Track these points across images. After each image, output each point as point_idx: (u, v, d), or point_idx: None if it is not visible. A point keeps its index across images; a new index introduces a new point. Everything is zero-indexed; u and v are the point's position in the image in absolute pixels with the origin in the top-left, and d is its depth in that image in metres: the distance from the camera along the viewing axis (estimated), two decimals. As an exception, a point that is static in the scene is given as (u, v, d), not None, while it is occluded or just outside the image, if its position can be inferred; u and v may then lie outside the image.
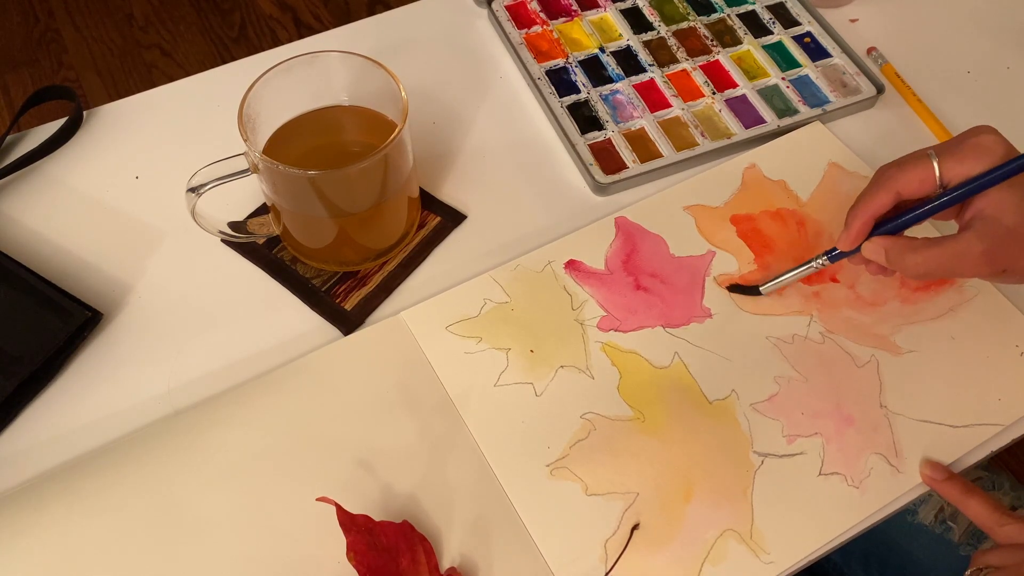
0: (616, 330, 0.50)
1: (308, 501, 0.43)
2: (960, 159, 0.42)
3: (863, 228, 0.45)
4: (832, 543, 0.44)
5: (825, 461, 0.46)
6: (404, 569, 0.41)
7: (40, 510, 0.43)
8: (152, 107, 0.61)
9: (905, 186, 0.44)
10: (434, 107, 0.61)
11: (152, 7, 1.66)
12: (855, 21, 0.68)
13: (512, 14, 0.66)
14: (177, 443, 0.45)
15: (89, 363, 0.49)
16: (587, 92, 0.61)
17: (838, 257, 0.48)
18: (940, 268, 0.43)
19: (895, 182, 0.44)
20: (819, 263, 0.49)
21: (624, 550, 0.43)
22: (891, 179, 0.44)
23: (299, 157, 0.50)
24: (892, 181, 0.44)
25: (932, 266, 0.43)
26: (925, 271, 0.43)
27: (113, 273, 0.52)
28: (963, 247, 0.42)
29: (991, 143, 0.42)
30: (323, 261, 0.53)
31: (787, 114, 0.61)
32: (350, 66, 0.50)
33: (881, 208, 0.44)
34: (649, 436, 0.47)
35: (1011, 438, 0.48)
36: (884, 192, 0.44)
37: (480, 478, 0.45)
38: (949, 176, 0.43)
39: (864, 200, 0.45)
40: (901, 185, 0.44)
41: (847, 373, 0.49)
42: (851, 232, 0.45)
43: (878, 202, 0.44)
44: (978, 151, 0.42)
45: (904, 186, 0.44)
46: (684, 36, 0.65)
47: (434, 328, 0.50)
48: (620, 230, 0.55)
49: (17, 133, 0.59)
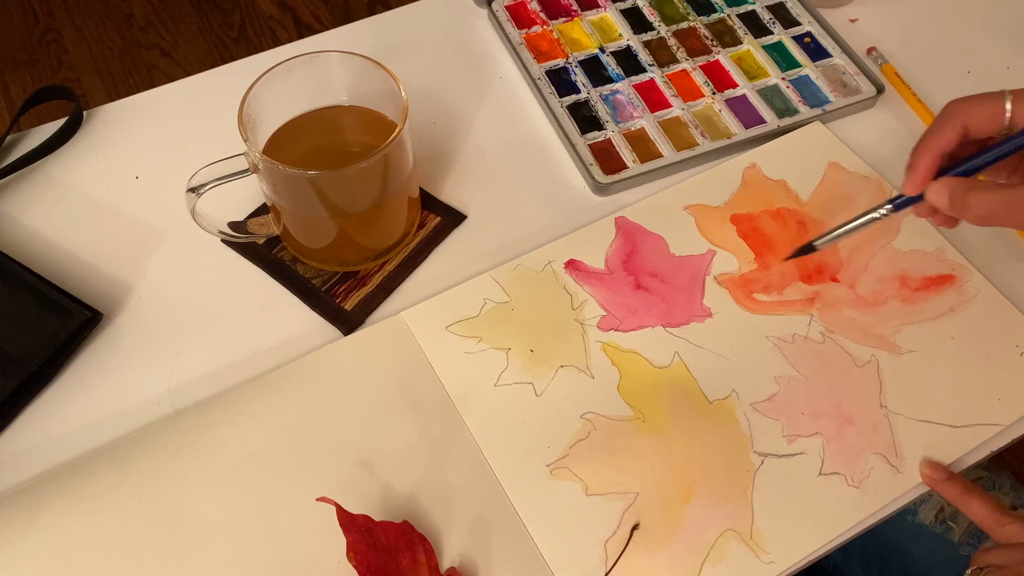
0: (616, 330, 0.50)
1: (308, 501, 0.43)
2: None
3: (930, 168, 0.42)
4: (832, 543, 0.44)
5: (825, 461, 0.46)
6: (404, 569, 0.41)
7: (40, 510, 0.43)
8: (152, 107, 0.61)
9: (973, 120, 0.41)
10: (434, 107, 0.61)
11: (152, 7, 1.66)
12: (855, 21, 0.68)
13: (512, 14, 0.66)
14: (177, 443, 0.45)
15: (89, 363, 0.49)
16: (587, 92, 0.61)
17: (902, 205, 0.44)
18: (1006, 212, 0.40)
19: (962, 115, 0.41)
20: (882, 212, 0.45)
21: (624, 550, 0.43)
22: (958, 112, 0.41)
23: (299, 157, 0.50)
24: (959, 115, 0.41)
25: (997, 209, 0.40)
26: (989, 213, 0.40)
27: (113, 273, 0.52)
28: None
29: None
30: (323, 261, 0.53)
31: (787, 114, 0.61)
32: (350, 66, 0.49)
33: (948, 143, 0.41)
34: (649, 436, 0.47)
35: (1011, 438, 0.48)
36: (950, 126, 0.41)
37: (480, 478, 0.45)
38: (1020, 117, 0.40)
39: (929, 137, 0.42)
40: (969, 119, 0.41)
41: (847, 373, 0.49)
42: (917, 173, 0.42)
43: (945, 137, 0.41)
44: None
45: (972, 120, 0.41)
46: (684, 36, 0.65)
47: (434, 328, 0.50)
48: (620, 230, 0.55)
49: (17, 133, 0.59)
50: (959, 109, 0.41)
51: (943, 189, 0.41)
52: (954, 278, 0.53)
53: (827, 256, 0.54)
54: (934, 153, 0.42)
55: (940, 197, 0.41)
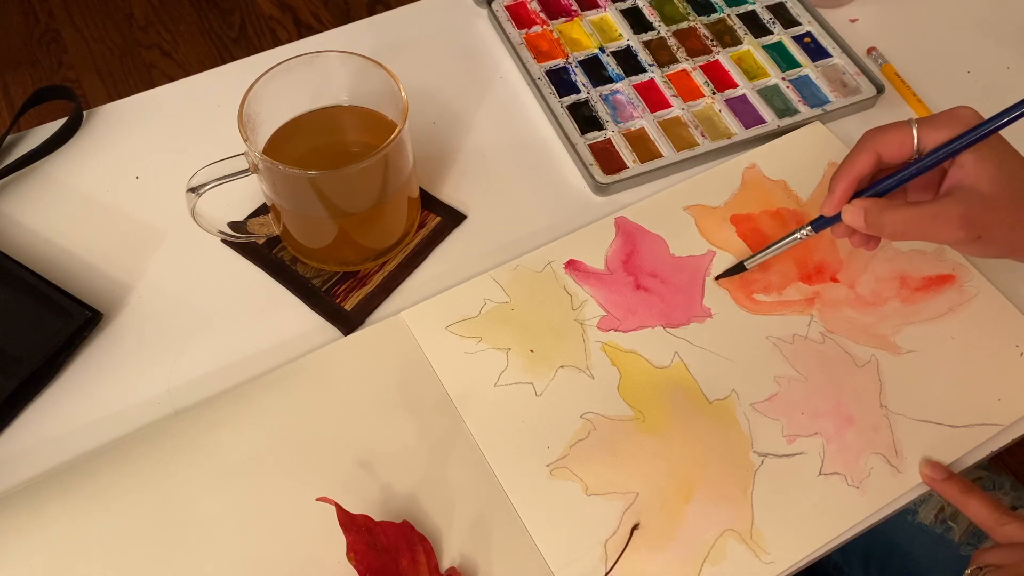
0: (616, 330, 0.50)
1: (308, 501, 0.43)
2: (936, 127, 0.44)
3: (846, 190, 0.46)
4: (832, 543, 0.44)
5: (825, 461, 0.46)
6: (404, 569, 0.41)
7: (40, 510, 0.43)
8: (152, 107, 0.61)
9: (885, 147, 0.45)
10: (434, 107, 0.61)
11: (152, 7, 1.66)
12: (855, 21, 0.68)
13: (512, 14, 0.66)
14: (177, 443, 0.45)
15: (89, 363, 0.49)
16: (587, 92, 0.61)
17: (822, 225, 0.48)
18: (917, 229, 0.44)
19: (875, 143, 0.45)
20: (803, 233, 0.49)
21: (624, 550, 0.43)
22: (871, 140, 0.45)
23: (299, 157, 0.50)
24: (872, 143, 0.45)
25: (909, 225, 0.43)
26: (903, 230, 0.44)
27: (113, 273, 0.52)
28: (941, 209, 0.43)
29: (967, 115, 0.44)
30: (323, 261, 0.53)
31: (787, 114, 0.61)
32: (350, 66, 0.49)
33: (862, 169, 0.45)
34: (649, 436, 0.47)
35: (1011, 438, 0.48)
36: (865, 153, 0.45)
37: (480, 478, 0.45)
38: (926, 142, 0.44)
39: (845, 163, 0.46)
40: (881, 146, 0.45)
41: (847, 373, 0.49)
42: (834, 195, 0.46)
43: (859, 163, 0.45)
44: (954, 120, 0.43)
45: (884, 147, 0.45)
46: (684, 36, 0.65)
47: (434, 328, 0.50)
48: (620, 230, 0.55)
49: (17, 133, 0.59)
50: (872, 137, 0.45)
51: (858, 210, 0.45)
52: (954, 278, 0.53)
53: (827, 256, 0.54)
54: (850, 177, 0.45)
55: (855, 217, 0.45)
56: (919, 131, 0.44)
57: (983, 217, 0.43)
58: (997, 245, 0.44)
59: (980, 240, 0.43)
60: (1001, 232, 0.43)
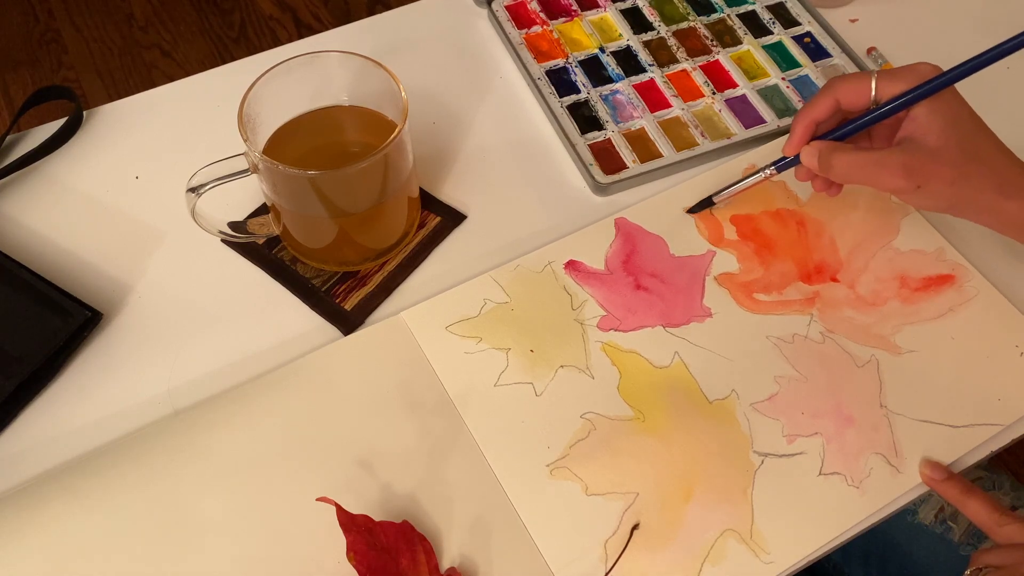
0: (616, 330, 0.50)
1: (308, 501, 0.43)
2: (895, 79, 0.45)
3: (804, 132, 0.48)
4: (832, 543, 0.44)
5: (825, 461, 0.46)
6: (404, 569, 0.41)
7: (40, 510, 0.43)
8: (152, 107, 0.61)
9: (844, 94, 0.46)
10: (434, 107, 0.61)
11: (152, 7, 1.66)
12: (855, 21, 0.68)
13: (512, 14, 0.66)
14: (177, 443, 0.45)
15: (89, 363, 0.49)
16: (587, 92, 0.61)
17: (785, 166, 0.50)
18: (861, 173, 0.45)
19: (835, 90, 0.47)
20: (767, 172, 0.51)
21: (624, 550, 0.43)
22: (832, 87, 0.47)
23: (299, 157, 0.50)
24: (832, 89, 0.47)
25: (854, 169, 0.45)
26: (847, 173, 0.46)
27: (113, 273, 0.52)
28: (886, 156, 0.45)
29: (926, 70, 0.45)
30: (323, 261, 0.53)
31: (787, 114, 0.61)
32: (350, 66, 0.49)
33: (820, 113, 0.47)
34: (649, 436, 0.47)
35: (1011, 438, 0.48)
36: (824, 98, 0.47)
37: (480, 478, 0.45)
38: (883, 93, 0.46)
39: (806, 106, 0.48)
40: (840, 93, 0.47)
41: (847, 373, 0.49)
42: (793, 135, 0.48)
43: (818, 107, 0.47)
44: (913, 74, 0.45)
45: (843, 94, 0.46)
46: (684, 36, 0.65)
47: (434, 328, 0.50)
48: (620, 231, 0.55)
49: (17, 133, 0.59)
50: (833, 84, 0.47)
51: (813, 151, 0.47)
52: (954, 278, 0.53)
53: (827, 256, 0.54)
54: (807, 120, 0.48)
55: (811, 157, 0.47)
56: (878, 82, 0.46)
57: (924, 168, 0.44)
58: (936, 198, 0.45)
59: (920, 191, 0.45)
60: (941, 186, 0.44)
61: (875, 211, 0.56)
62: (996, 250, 0.55)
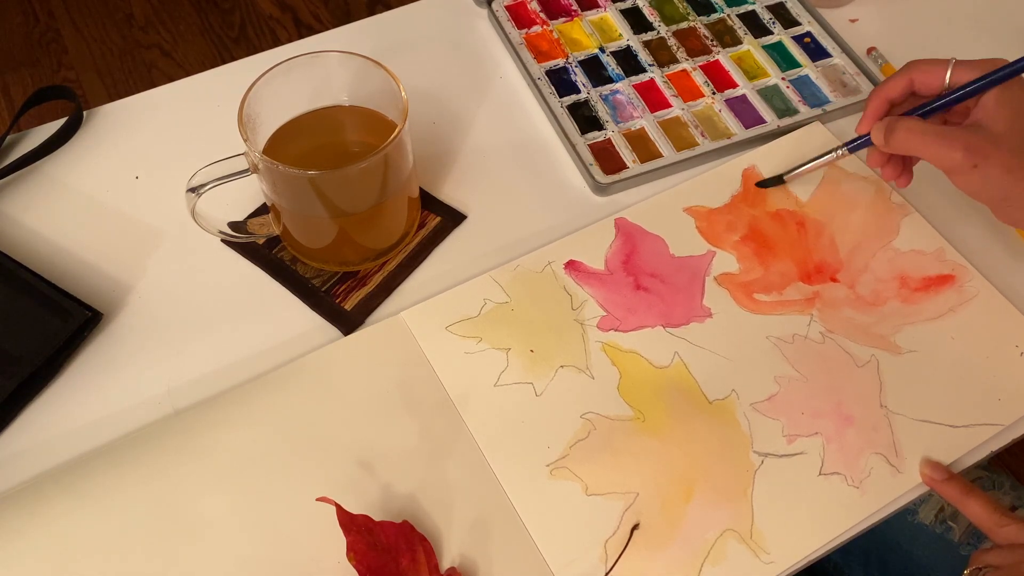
0: (616, 330, 0.50)
1: (308, 501, 0.43)
2: (971, 68, 0.46)
3: (877, 108, 0.49)
4: (832, 543, 0.44)
5: (825, 461, 0.46)
6: (404, 569, 0.41)
7: (40, 510, 0.43)
8: (152, 107, 0.61)
9: (919, 75, 0.47)
10: (434, 107, 0.61)
11: (152, 7, 1.66)
12: (855, 21, 0.68)
13: (512, 14, 0.66)
14: (177, 443, 0.45)
15: (89, 363, 0.49)
16: (587, 92, 0.61)
17: (857, 146, 0.51)
18: (922, 142, 0.46)
19: (911, 71, 0.48)
20: (839, 152, 0.52)
21: (624, 550, 0.43)
22: (909, 68, 0.48)
23: (299, 157, 0.50)
24: (908, 70, 0.48)
25: (915, 137, 0.46)
26: (908, 141, 0.46)
27: (113, 273, 0.52)
28: (949, 130, 0.45)
29: (1001, 63, 0.45)
30: (323, 261, 0.53)
31: (787, 114, 0.61)
32: (350, 66, 0.49)
33: (893, 91, 0.48)
34: (649, 436, 0.47)
35: (1011, 438, 0.48)
36: (900, 77, 0.48)
37: (480, 478, 0.45)
38: (957, 79, 0.46)
39: (881, 85, 0.49)
40: (916, 73, 0.48)
41: (847, 373, 0.49)
42: (866, 112, 0.49)
43: (893, 85, 0.48)
44: (988, 66, 0.45)
45: (918, 75, 0.47)
46: (684, 36, 0.65)
47: (434, 328, 0.50)
48: (620, 231, 0.55)
49: (17, 133, 0.59)
50: (912, 65, 0.48)
51: (881, 124, 0.48)
52: (954, 278, 0.53)
53: (827, 256, 0.54)
54: (881, 96, 0.49)
55: (876, 132, 0.48)
56: (954, 69, 0.46)
57: (985, 149, 0.44)
58: (990, 184, 0.45)
59: (976, 171, 0.45)
60: (998, 171, 0.44)
61: (875, 211, 0.56)
62: (996, 250, 0.55)
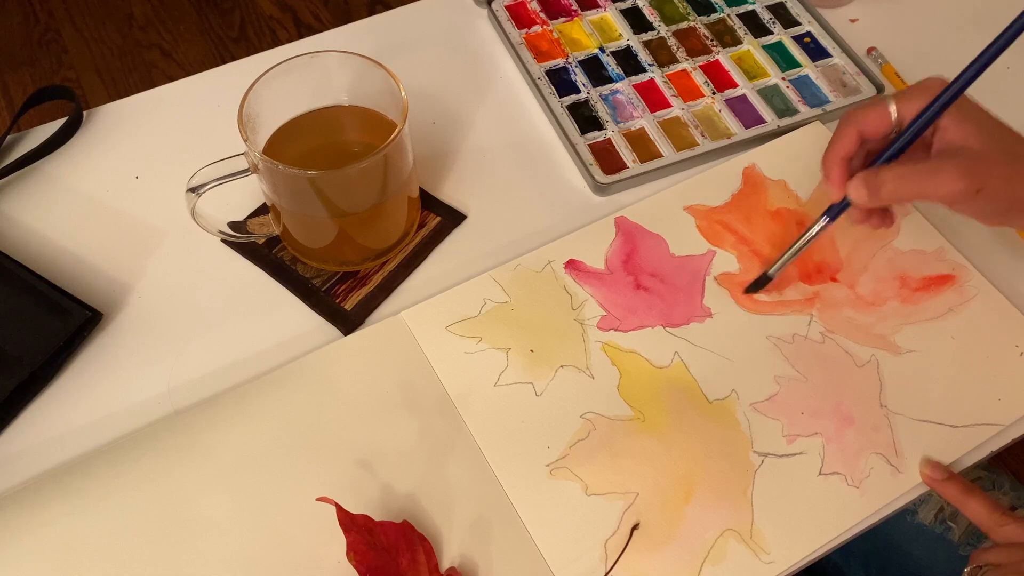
0: (616, 330, 0.50)
1: (308, 501, 0.43)
2: (911, 98, 0.44)
3: (840, 171, 0.46)
4: (832, 543, 0.44)
5: (825, 461, 0.46)
6: (404, 569, 0.41)
7: (40, 510, 0.43)
8: (152, 107, 0.61)
9: (864, 123, 0.45)
10: (434, 107, 0.61)
11: (152, 7, 1.66)
12: (855, 21, 0.68)
13: (512, 14, 0.66)
14: (177, 443, 0.45)
15: (89, 363, 0.49)
16: (587, 92, 0.61)
17: (837, 213, 0.48)
18: (915, 186, 0.43)
19: (854, 122, 0.45)
20: (821, 225, 0.48)
21: (624, 550, 0.43)
22: (850, 119, 0.45)
23: (299, 157, 0.50)
24: (851, 121, 0.45)
25: (906, 184, 0.43)
26: (899, 190, 0.43)
27: (113, 273, 0.52)
28: (937, 163, 0.43)
29: (937, 84, 0.44)
30: (323, 261, 0.53)
31: (787, 114, 0.61)
32: (350, 66, 0.49)
33: (846, 148, 0.45)
34: (649, 436, 0.47)
35: (1011, 438, 0.48)
36: (845, 132, 0.45)
37: (480, 478, 0.45)
38: (904, 113, 0.45)
39: (830, 146, 0.46)
40: (860, 123, 0.45)
41: (847, 373, 0.49)
42: (832, 179, 0.46)
43: (843, 143, 0.45)
44: (926, 91, 0.44)
45: (863, 123, 0.45)
46: (684, 36, 0.65)
47: (434, 328, 0.50)
48: (620, 230, 0.55)
49: (17, 133, 0.59)
50: (850, 117, 0.46)
51: (858, 183, 0.44)
52: (954, 278, 0.53)
53: (827, 256, 0.54)
54: (838, 158, 0.46)
55: (858, 190, 0.44)
56: (896, 104, 0.45)
57: (979, 169, 0.42)
58: (996, 201, 0.43)
59: (981, 193, 0.42)
60: (1000, 184, 0.43)
61: (875, 211, 0.56)
62: (996, 250, 0.55)
